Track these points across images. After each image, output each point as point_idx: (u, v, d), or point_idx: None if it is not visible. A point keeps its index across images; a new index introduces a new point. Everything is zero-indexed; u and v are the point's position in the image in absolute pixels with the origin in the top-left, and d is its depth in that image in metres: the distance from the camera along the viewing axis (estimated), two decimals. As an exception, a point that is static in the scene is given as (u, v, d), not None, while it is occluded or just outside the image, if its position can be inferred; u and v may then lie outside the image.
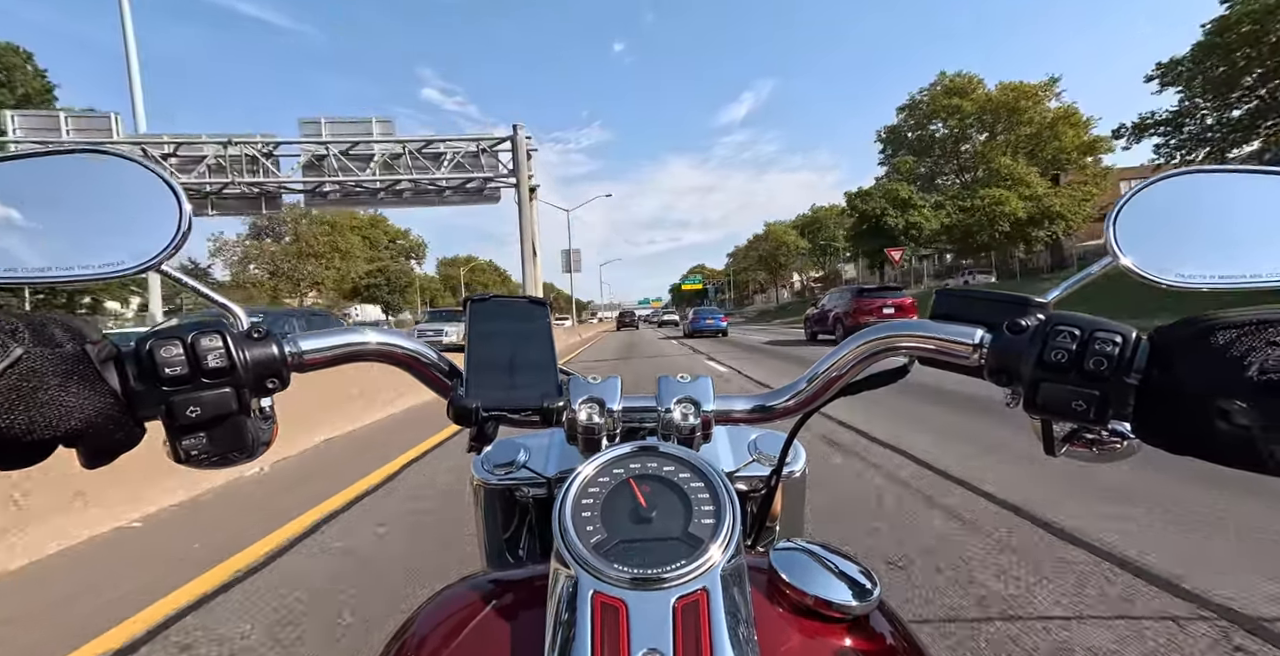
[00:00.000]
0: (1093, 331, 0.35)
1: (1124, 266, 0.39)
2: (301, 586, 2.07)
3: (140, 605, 1.96)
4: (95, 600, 2.01)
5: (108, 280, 0.38)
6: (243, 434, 0.39)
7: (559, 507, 0.37)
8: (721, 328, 23.53)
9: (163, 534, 2.69)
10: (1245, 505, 2.48)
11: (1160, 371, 0.33)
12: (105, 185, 0.39)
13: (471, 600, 0.41)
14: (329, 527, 2.67)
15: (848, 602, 0.37)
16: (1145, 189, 0.41)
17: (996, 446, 3.61)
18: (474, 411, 0.43)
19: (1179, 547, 2.12)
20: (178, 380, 0.35)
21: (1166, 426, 0.34)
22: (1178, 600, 1.77)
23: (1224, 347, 0.30)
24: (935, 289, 0.45)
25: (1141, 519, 2.39)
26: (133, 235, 0.38)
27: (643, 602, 0.32)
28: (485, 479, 0.64)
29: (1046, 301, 0.40)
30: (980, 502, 2.68)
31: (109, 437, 0.34)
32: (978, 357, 0.41)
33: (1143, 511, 2.47)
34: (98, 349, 0.34)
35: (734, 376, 8.42)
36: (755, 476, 0.62)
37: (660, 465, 0.40)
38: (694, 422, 0.46)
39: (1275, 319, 0.30)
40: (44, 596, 2.07)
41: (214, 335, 0.37)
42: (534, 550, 0.66)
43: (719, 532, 0.35)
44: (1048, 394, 0.36)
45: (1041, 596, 1.83)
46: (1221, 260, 0.38)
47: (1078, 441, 0.40)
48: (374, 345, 0.46)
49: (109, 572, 2.24)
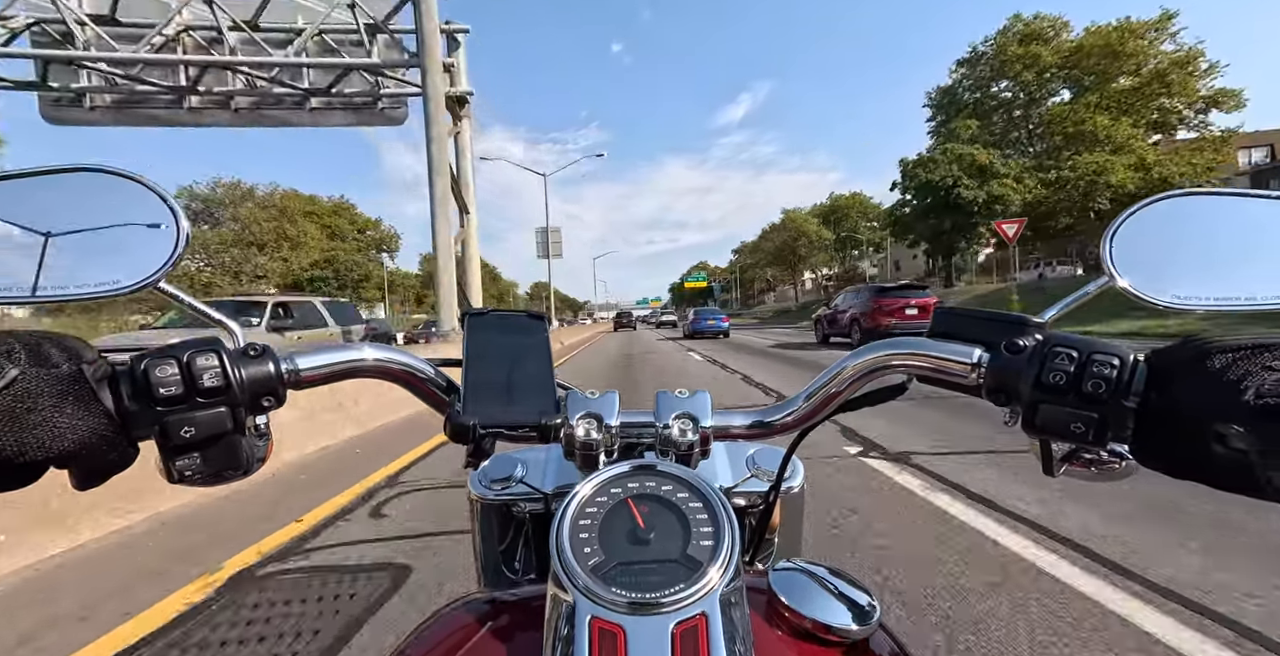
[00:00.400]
0: (1090, 353, 0.35)
1: (1121, 287, 0.39)
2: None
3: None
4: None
5: (104, 300, 0.38)
6: (237, 452, 0.38)
7: (556, 529, 0.36)
8: (723, 328, 22.33)
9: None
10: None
11: (1158, 394, 0.34)
12: (102, 202, 0.39)
13: (467, 622, 0.42)
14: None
15: (847, 626, 0.37)
16: (1142, 209, 0.41)
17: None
18: (471, 429, 0.43)
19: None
20: (172, 400, 0.35)
21: (1165, 450, 0.34)
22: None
23: (1220, 371, 0.31)
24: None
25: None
26: (129, 253, 0.38)
27: (641, 628, 0.32)
28: (482, 494, 0.65)
29: (1044, 321, 0.40)
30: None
31: (102, 458, 0.34)
32: (976, 377, 0.41)
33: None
34: (93, 368, 0.34)
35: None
36: (753, 492, 0.62)
37: (659, 484, 0.39)
38: (692, 438, 0.46)
39: (1270, 343, 0.30)
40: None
41: (210, 354, 0.36)
42: (530, 565, 0.66)
43: (718, 554, 0.35)
44: (1046, 415, 0.36)
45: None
46: (1217, 282, 0.39)
47: (1076, 461, 0.40)
48: (371, 362, 0.46)
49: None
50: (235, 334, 0.40)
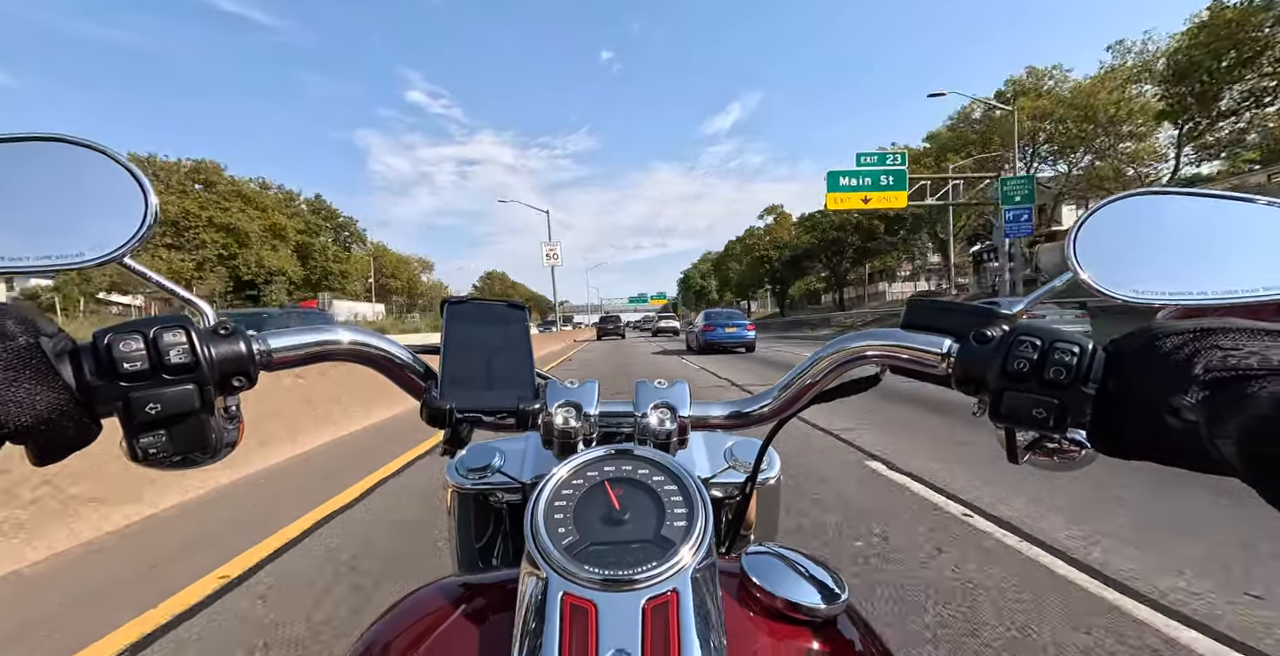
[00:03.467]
0: (1053, 341, 0.36)
1: (1082, 280, 0.41)
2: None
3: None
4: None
5: (65, 272, 0.38)
6: (205, 433, 0.37)
7: (531, 509, 0.37)
8: (745, 340, 15.29)
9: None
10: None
11: (1115, 380, 0.35)
12: (66, 173, 0.38)
13: (439, 604, 0.41)
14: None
15: (816, 605, 0.37)
16: (1105, 207, 0.42)
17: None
18: (448, 413, 0.42)
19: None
20: (137, 375, 0.34)
21: (1120, 433, 0.35)
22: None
23: (1171, 352, 0.32)
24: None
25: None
26: (94, 226, 0.37)
27: (612, 603, 0.32)
28: (459, 483, 0.64)
29: (1012, 313, 0.41)
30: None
31: (61, 434, 0.33)
32: (945, 367, 0.41)
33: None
34: (53, 342, 0.33)
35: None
36: (730, 483, 0.63)
37: (635, 468, 0.40)
38: (670, 428, 0.46)
39: (1217, 327, 0.32)
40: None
41: (177, 330, 0.35)
42: (508, 556, 0.64)
43: (691, 535, 0.35)
44: (1010, 402, 0.37)
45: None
46: (1174, 278, 0.40)
47: (1039, 450, 0.41)
48: (346, 344, 0.45)
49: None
50: (206, 314, 0.40)
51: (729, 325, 15.41)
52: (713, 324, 15.62)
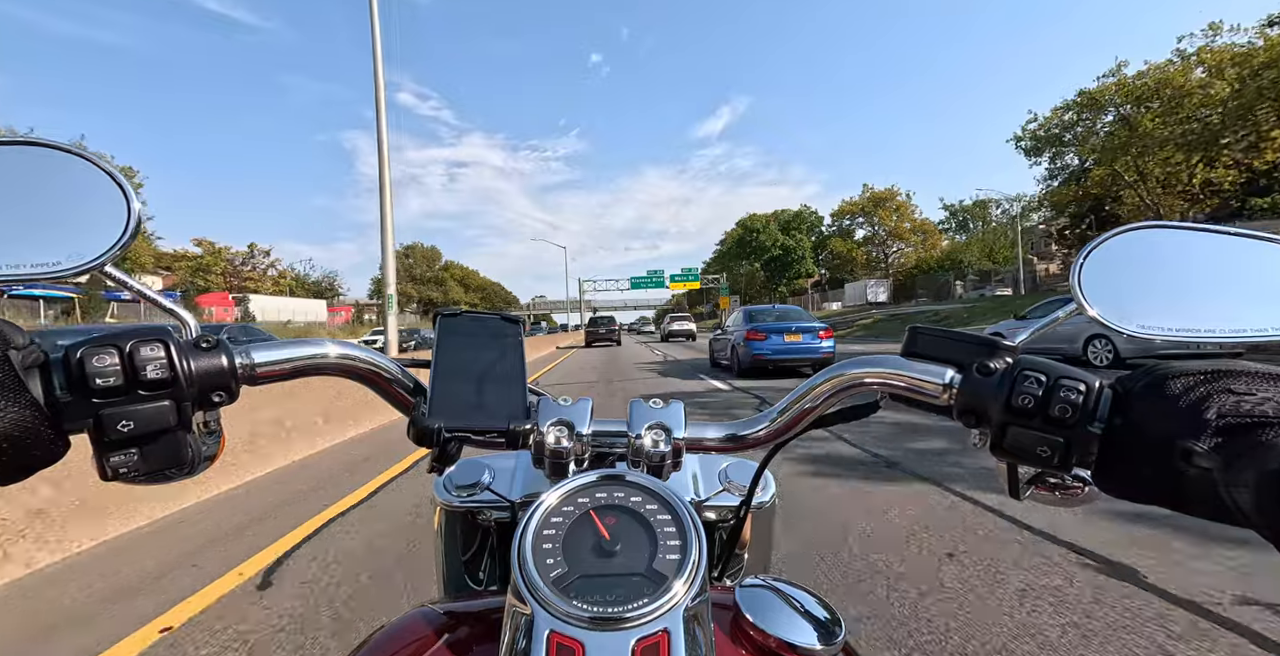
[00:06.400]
0: (1058, 378, 0.35)
1: (1090, 316, 0.40)
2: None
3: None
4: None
5: (42, 281, 0.36)
6: (180, 450, 0.36)
7: (519, 539, 0.35)
8: (821, 353, 9.26)
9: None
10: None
11: (1122, 419, 0.34)
12: (43, 179, 0.36)
13: (423, 633, 0.40)
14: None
15: (812, 646, 0.36)
16: (1108, 240, 0.42)
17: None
18: (435, 432, 0.42)
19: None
20: (110, 391, 0.33)
21: (1128, 474, 0.34)
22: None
23: (1182, 394, 0.31)
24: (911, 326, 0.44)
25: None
26: (73, 234, 0.36)
27: (601, 644, 0.30)
28: (447, 500, 0.63)
29: (1015, 345, 0.40)
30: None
31: (25, 452, 0.31)
32: (947, 397, 0.41)
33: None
34: (22, 355, 0.32)
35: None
36: (725, 506, 0.61)
37: (627, 495, 0.38)
38: (665, 450, 0.45)
39: (1228, 369, 0.31)
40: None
41: (155, 344, 0.34)
42: (494, 575, 0.64)
43: (684, 569, 0.34)
44: (1014, 438, 0.36)
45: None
46: (1181, 314, 0.39)
47: (1041, 485, 0.41)
48: (333, 358, 0.44)
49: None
50: (189, 325, 0.38)
51: (792, 330, 9.28)
52: (763, 329, 9.43)
